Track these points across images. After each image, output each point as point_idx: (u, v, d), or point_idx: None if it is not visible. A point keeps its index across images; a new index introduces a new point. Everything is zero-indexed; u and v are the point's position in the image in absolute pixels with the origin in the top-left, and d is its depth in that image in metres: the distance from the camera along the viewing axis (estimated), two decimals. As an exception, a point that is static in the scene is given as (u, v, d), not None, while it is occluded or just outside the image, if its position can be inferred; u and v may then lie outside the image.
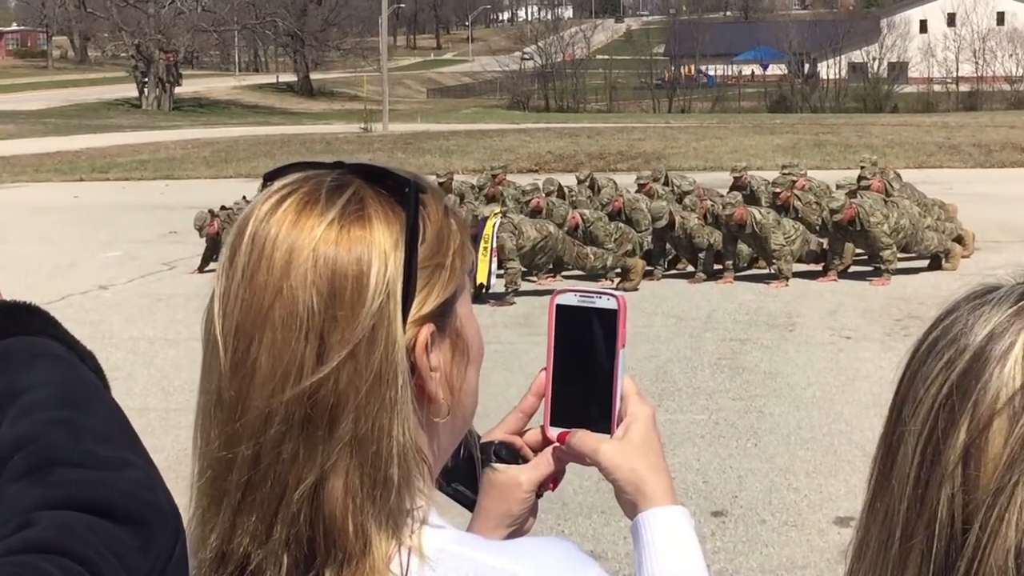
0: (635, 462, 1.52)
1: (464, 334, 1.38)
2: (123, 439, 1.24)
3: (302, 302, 1.26)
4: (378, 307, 1.26)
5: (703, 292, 15.43)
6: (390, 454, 1.27)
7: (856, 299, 14.64)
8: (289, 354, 1.26)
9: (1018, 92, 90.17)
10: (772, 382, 10.95)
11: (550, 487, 1.57)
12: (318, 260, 1.27)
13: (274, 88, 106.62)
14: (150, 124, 66.42)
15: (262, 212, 1.32)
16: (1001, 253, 17.14)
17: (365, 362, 1.26)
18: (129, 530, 1.14)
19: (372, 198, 1.32)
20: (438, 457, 1.40)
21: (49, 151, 44.28)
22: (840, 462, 8.57)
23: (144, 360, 12.18)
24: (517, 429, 1.60)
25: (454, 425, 1.39)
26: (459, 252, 1.36)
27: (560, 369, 1.53)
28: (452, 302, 1.35)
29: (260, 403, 1.26)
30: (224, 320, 1.30)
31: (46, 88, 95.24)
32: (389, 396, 1.27)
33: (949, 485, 1.15)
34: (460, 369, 1.37)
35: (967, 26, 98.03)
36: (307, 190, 1.32)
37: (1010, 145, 37.04)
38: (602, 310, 1.51)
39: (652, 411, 1.55)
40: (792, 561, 7.04)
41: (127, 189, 32.07)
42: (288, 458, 1.26)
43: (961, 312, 1.22)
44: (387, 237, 1.29)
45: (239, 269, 1.30)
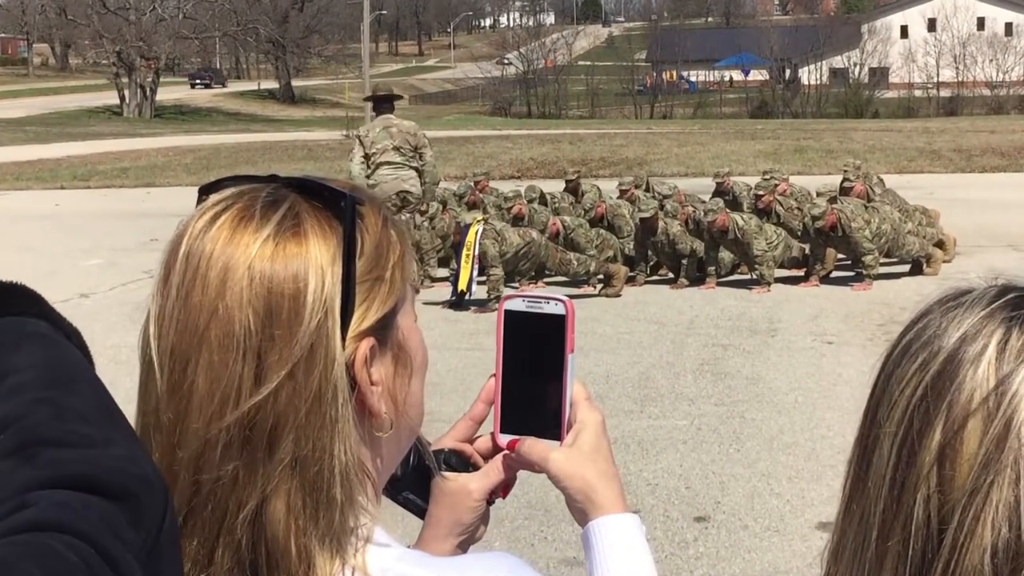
0: (585, 470, 1.49)
1: (406, 346, 1.35)
2: (106, 417, 1.23)
3: (238, 322, 1.24)
4: (316, 325, 1.24)
5: (685, 298, 15.45)
6: (332, 473, 1.25)
7: (838, 304, 14.67)
8: (227, 376, 1.23)
9: (998, 97, 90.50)
10: (754, 387, 10.96)
11: (500, 495, 1.56)
12: (254, 278, 1.24)
13: (256, 95, 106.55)
14: (131, 131, 66.27)
15: (196, 229, 1.30)
16: (982, 257, 17.19)
17: (304, 381, 1.23)
18: (120, 505, 1.14)
19: (308, 212, 1.29)
20: (382, 471, 1.38)
21: (30, 159, 44.16)
22: (822, 467, 8.58)
23: (126, 368, 12.08)
24: (467, 436, 1.59)
25: (398, 438, 1.38)
26: (399, 264, 1.34)
27: (509, 375, 1.52)
28: (393, 315, 1.33)
29: (199, 426, 1.24)
30: (160, 341, 1.28)
31: (27, 95, 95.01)
32: (329, 415, 1.24)
33: (924, 486, 1.16)
34: (403, 381, 1.35)
35: (947, 31, 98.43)
36: (241, 206, 1.30)
37: (990, 150, 37.16)
38: (550, 315, 1.49)
39: (602, 417, 1.53)
40: (775, 567, 7.05)
41: (108, 197, 31.98)
42: (228, 481, 1.24)
43: (934, 315, 1.23)
44: (324, 252, 1.27)
45: (173, 288, 1.28)
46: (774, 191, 17.32)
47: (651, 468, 8.76)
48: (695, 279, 16.16)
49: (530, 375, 1.51)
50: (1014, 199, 24.58)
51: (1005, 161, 34.21)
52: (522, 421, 1.51)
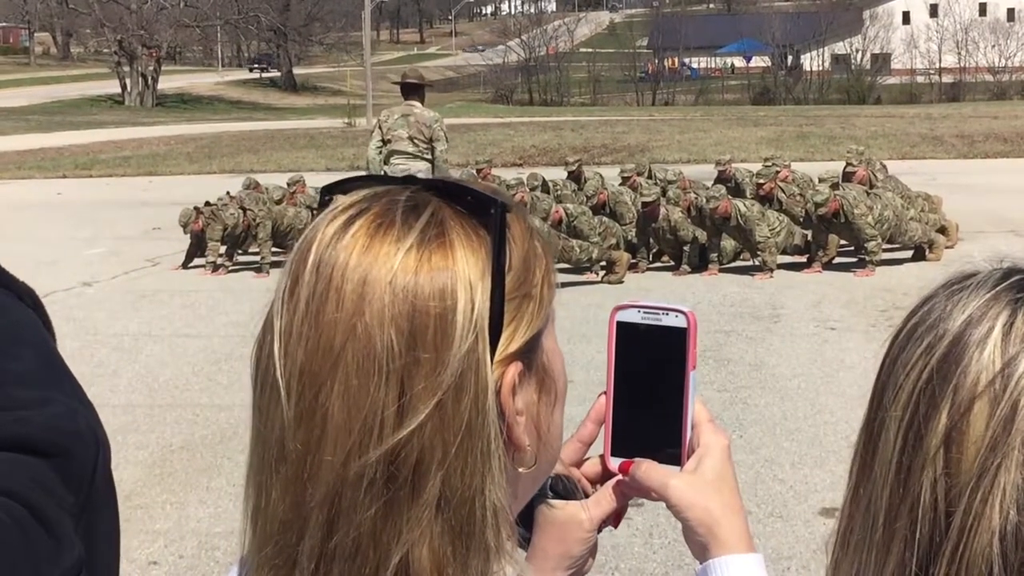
0: (709, 500, 1.34)
1: (551, 370, 1.23)
2: (47, 378, 1.21)
3: (380, 342, 1.10)
4: (467, 348, 1.11)
5: (688, 284, 15.44)
6: (484, 516, 1.12)
7: (840, 290, 14.66)
8: (367, 404, 1.09)
9: (1000, 83, 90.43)
10: (757, 373, 10.96)
11: (612, 524, 1.42)
12: (397, 294, 1.11)
13: (257, 83, 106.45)
14: (133, 120, 66.24)
15: (327, 236, 1.15)
16: (985, 243, 17.15)
17: (453, 411, 1.10)
18: (53, 463, 1.14)
19: (453, 220, 1.15)
20: (514, 511, 1.23)
21: (32, 148, 44.17)
22: (825, 453, 8.59)
23: (129, 357, 12.15)
24: (575, 460, 1.42)
25: (538, 473, 1.24)
26: (546, 278, 1.22)
27: (622, 393, 1.38)
28: (540, 335, 1.20)
29: (335, 459, 1.10)
30: (286, 360, 1.12)
31: (28, 85, 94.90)
32: (481, 450, 1.11)
33: (931, 470, 1.16)
34: (547, 410, 1.22)
35: (949, 17, 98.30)
36: (378, 210, 1.15)
37: (993, 136, 37.16)
38: (670, 328, 1.36)
39: (728, 442, 1.38)
40: (778, 552, 7.05)
41: (110, 185, 31.99)
42: (368, 525, 1.10)
43: (939, 299, 1.23)
44: (473, 265, 1.13)
45: (302, 302, 1.13)
46: (775, 178, 17.32)
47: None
48: (697, 266, 16.16)
49: (646, 393, 1.37)
50: (1016, 184, 24.57)
51: (1007, 147, 34.21)
52: (636, 443, 1.38)
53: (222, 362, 11.67)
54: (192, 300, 15.05)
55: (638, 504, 7.40)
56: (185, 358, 11.91)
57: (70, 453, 1.16)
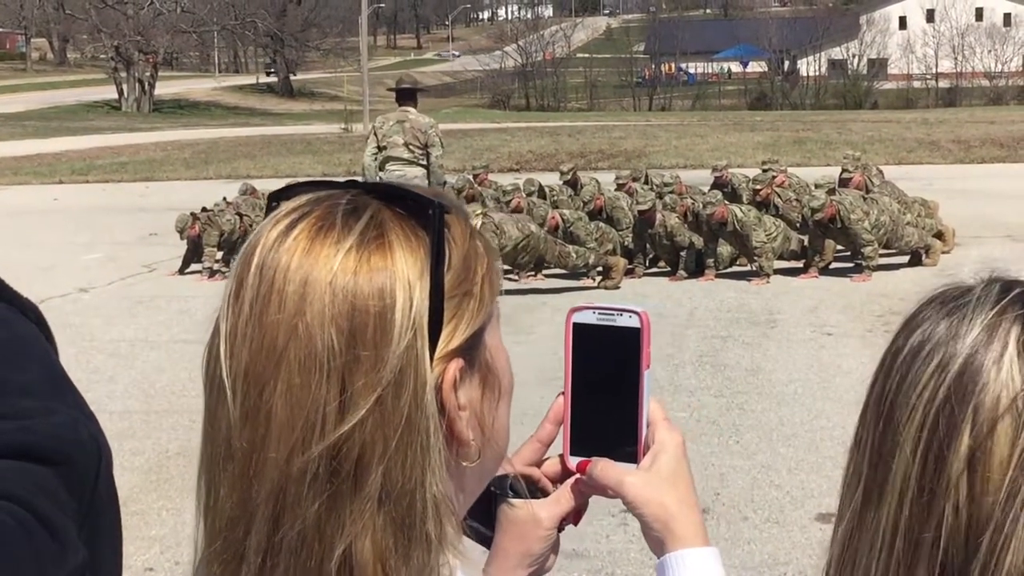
0: (664, 496, 1.38)
1: (495, 367, 1.25)
2: (51, 390, 1.24)
3: (321, 341, 1.12)
4: (405, 346, 1.14)
5: (684, 290, 15.45)
6: (424, 508, 1.15)
7: (837, 296, 14.67)
8: (309, 401, 1.12)
9: (997, 88, 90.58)
10: (754, 379, 10.97)
11: (572, 521, 1.45)
12: (336, 294, 1.14)
13: (254, 89, 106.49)
14: (130, 126, 66.23)
15: (271, 239, 1.18)
16: (981, 248, 17.19)
17: (393, 407, 1.13)
18: (55, 470, 1.17)
19: (392, 222, 1.18)
20: (463, 504, 1.28)
21: (28, 153, 44.13)
22: (822, 458, 8.59)
23: (125, 363, 12.14)
24: (534, 460, 1.46)
25: (483, 468, 1.27)
26: (487, 277, 1.24)
27: (579, 393, 1.41)
28: (481, 333, 1.22)
29: (279, 456, 1.13)
30: (231, 361, 1.15)
31: (25, 90, 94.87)
32: (420, 444, 1.14)
33: (955, 491, 1.15)
34: (491, 406, 1.25)
35: (946, 22, 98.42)
36: (320, 213, 1.18)
37: (989, 141, 37.16)
38: (624, 329, 1.39)
39: (682, 439, 1.42)
40: (774, 558, 7.05)
41: (107, 191, 31.98)
42: (312, 518, 1.13)
43: (938, 316, 1.22)
44: (411, 265, 1.16)
45: (246, 304, 1.16)
46: (772, 183, 17.34)
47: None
48: (693, 271, 16.17)
49: (602, 393, 1.40)
50: (1013, 189, 24.58)
51: (1004, 152, 34.22)
52: (594, 442, 1.41)
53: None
54: (189, 306, 15.03)
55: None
56: (182, 364, 11.90)
57: (72, 461, 1.18)
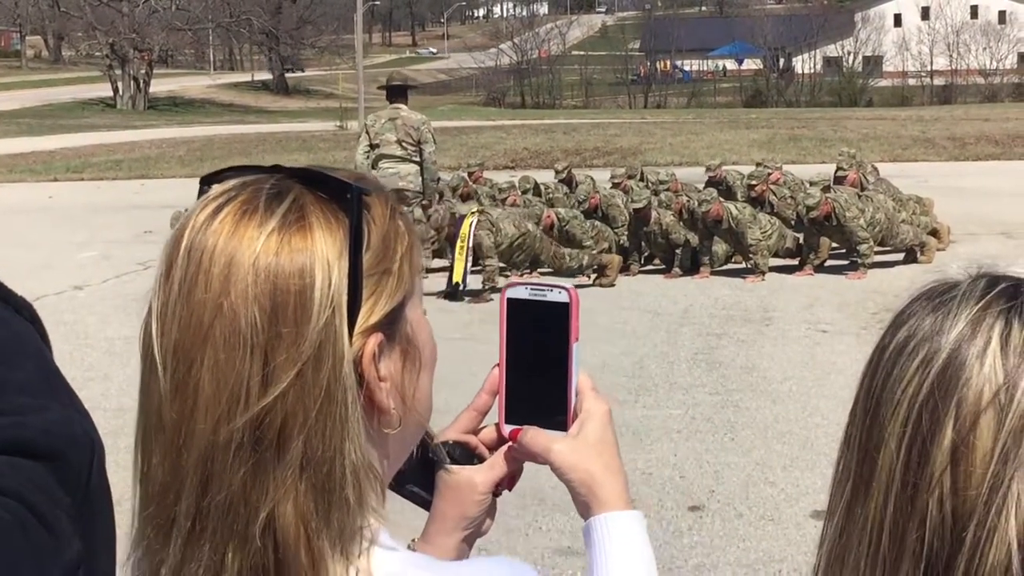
0: (589, 462, 1.46)
1: (415, 340, 1.32)
2: (45, 388, 1.26)
3: (244, 319, 1.20)
4: (324, 322, 1.21)
5: (680, 287, 15.46)
6: (343, 474, 1.22)
7: (832, 293, 14.69)
8: (234, 375, 1.19)
9: (992, 85, 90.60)
10: (748, 376, 10.97)
11: (507, 487, 1.54)
12: (259, 274, 1.20)
13: (249, 86, 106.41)
14: (125, 123, 66.14)
15: (198, 222, 1.25)
16: (977, 246, 17.21)
17: (313, 380, 1.20)
18: (50, 466, 1.19)
19: (313, 204, 1.25)
20: (389, 468, 1.36)
21: (23, 151, 44.07)
22: (817, 456, 8.59)
23: (120, 360, 12.12)
24: (471, 428, 1.55)
25: (405, 435, 1.34)
26: (407, 255, 1.31)
27: (513, 365, 1.49)
28: (401, 308, 1.29)
29: (205, 427, 1.20)
30: (162, 338, 1.23)
31: (20, 88, 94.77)
32: (339, 414, 1.21)
33: (939, 486, 1.15)
34: (412, 377, 1.32)
35: (941, 19, 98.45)
36: (245, 198, 1.26)
37: (984, 138, 37.19)
38: (554, 303, 1.46)
39: (608, 407, 1.49)
40: (769, 555, 7.06)
41: (102, 189, 31.96)
42: (238, 485, 1.20)
43: (923, 312, 1.22)
44: (330, 246, 1.23)
45: (175, 284, 1.23)
46: (767, 180, 17.35)
47: (645, 457, 8.77)
48: (688, 269, 16.19)
49: (534, 364, 1.48)
50: (1008, 187, 24.62)
51: (999, 149, 34.26)
52: (527, 411, 1.48)
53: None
54: (184, 303, 15.01)
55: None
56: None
57: (65, 456, 1.20)
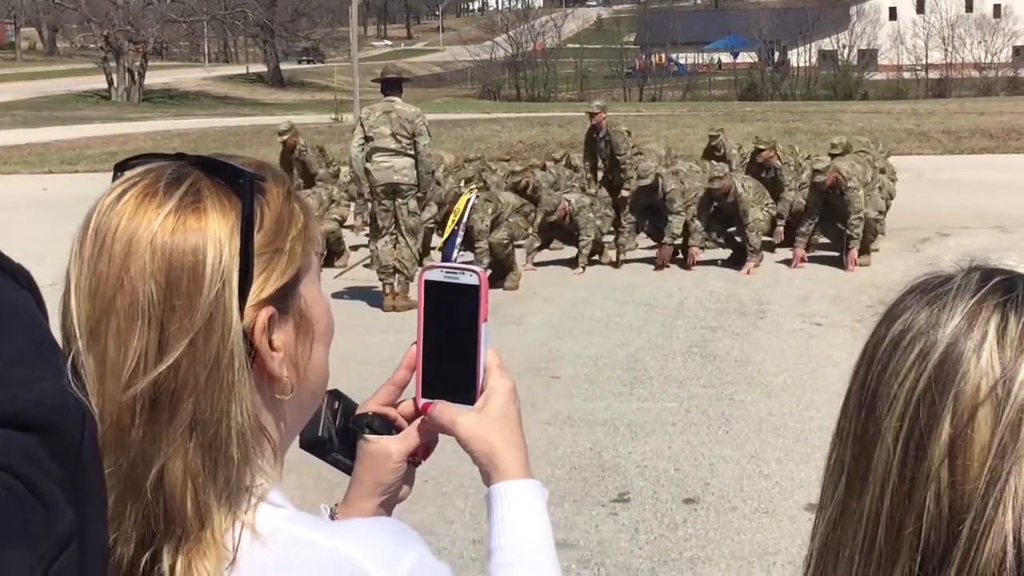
0: (490, 435, 1.56)
1: (309, 314, 1.43)
2: (38, 358, 1.26)
3: (142, 293, 1.31)
4: (215, 295, 1.31)
5: (674, 280, 15.47)
6: (229, 434, 1.32)
7: (826, 286, 14.70)
8: (134, 343, 1.31)
9: (987, 79, 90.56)
10: (743, 369, 10.99)
11: (421, 456, 1.64)
12: (156, 251, 1.32)
13: (244, 79, 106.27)
14: (120, 116, 66.02)
15: (104, 205, 1.38)
16: (971, 239, 17.22)
17: (203, 349, 1.31)
18: (42, 437, 1.19)
19: (209, 189, 1.37)
20: (285, 434, 1.46)
21: (18, 143, 43.98)
22: (811, 449, 8.61)
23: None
24: (390, 400, 1.65)
25: (300, 401, 1.45)
26: (300, 236, 1.41)
27: (429, 342, 1.59)
28: (294, 284, 1.40)
29: (114, 390, 1.31)
30: (77, 309, 1.35)
31: (14, 80, 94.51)
32: (227, 380, 1.32)
33: (936, 478, 1.16)
34: (304, 348, 1.42)
35: (936, 13, 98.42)
36: (147, 182, 1.38)
37: (979, 132, 37.18)
38: (465, 286, 1.56)
39: (512, 384, 1.60)
40: (764, 548, 7.07)
41: (96, 181, 31.58)
42: (136, 443, 1.31)
43: (919, 305, 1.23)
44: (223, 226, 1.34)
45: (85, 261, 1.37)
46: (775, 147, 17.47)
47: (640, 450, 8.78)
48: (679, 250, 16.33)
49: (447, 342, 1.58)
50: (1002, 180, 24.61)
51: (993, 143, 34.26)
52: (441, 386, 1.58)
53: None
54: (179, 296, 15.02)
55: (624, 501, 7.39)
56: (172, 354, 11.92)
57: (57, 426, 1.21)
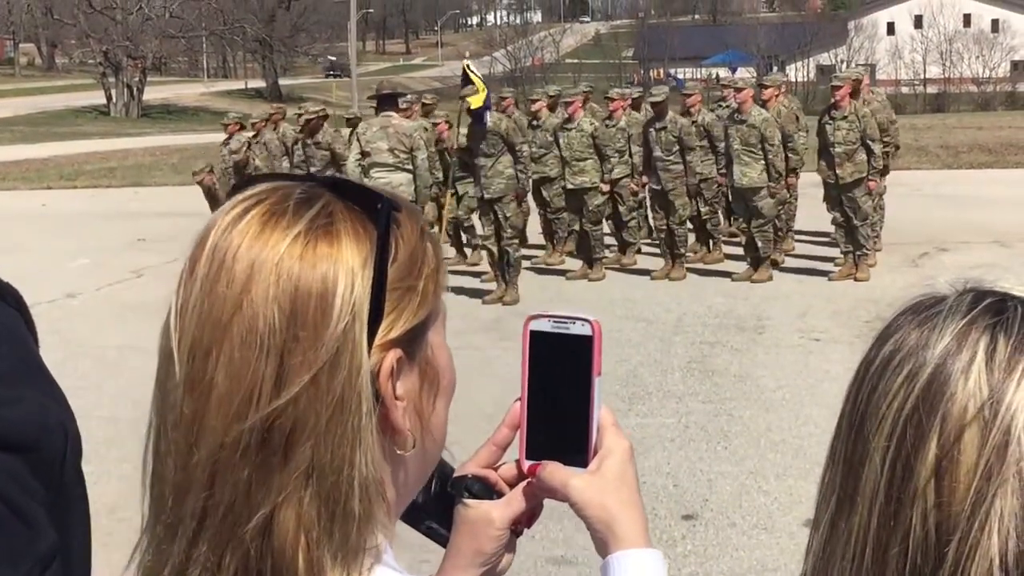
0: (607, 498, 1.42)
1: (435, 363, 1.31)
2: (22, 376, 1.26)
3: (263, 318, 1.19)
4: (342, 329, 1.19)
5: (672, 295, 15.46)
6: (351, 485, 1.19)
7: (825, 301, 14.69)
8: (248, 375, 1.18)
9: (985, 94, 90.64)
10: (742, 385, 10.98)
11: (525, 524, 1.50)
12: (281, 275, 1.19)
13: (243, 94, 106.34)
14: (118, 131, 66.09)
15: (224, 223, 1.24)
16: (970, 254, 17.21)
17: (327, 387, 1.18)
18: (24, 457, 1.20)
19: (342, 213, 1.24)
20: (403, 491, 1.33)
21: (16, 159, 43.99)
22: (810, 464, 8.59)
23: (113, 369, 12.11)
24: (491, 463, 1.50)
25: (422, 458, 1.32)
26: (433, 276, 1.29)
27: (535, 399, 1.45)
28: (423, 328, 1.28)
29: (216, 424, 1.19)
30: (181, 335, 1.23)
31: (13, 95, 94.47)
32: (352, 424, 1.19)
33: (922, 500, 1.15)
34: (429, 400, 1.30)
35: (934, 28, 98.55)
36: (273, 201, 1.24)
37: (977, 146, 37.17)
38: (577, 336, 1.43)
39: (629, 444, 1.47)
40: (763, 564, 7.06)
41: (95, 197, 31.90)
42: (242, 486, 1.19)
43: (910, 326, 1.22)
44: (355, 255, 1.21)
45: (198, 281, 1.23)
46: (781, 88, 17.38)
47: (639, 466, 8.67)
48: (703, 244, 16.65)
49: (556, 398, 1.45)
50: (1001, 195, 24.59)
51: (992, 157, 34.23)
52: (547, 447, 1.45)
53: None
54: (177, 311, 14.99)
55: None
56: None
57: (39, 447, 1.21)
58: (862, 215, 15.63)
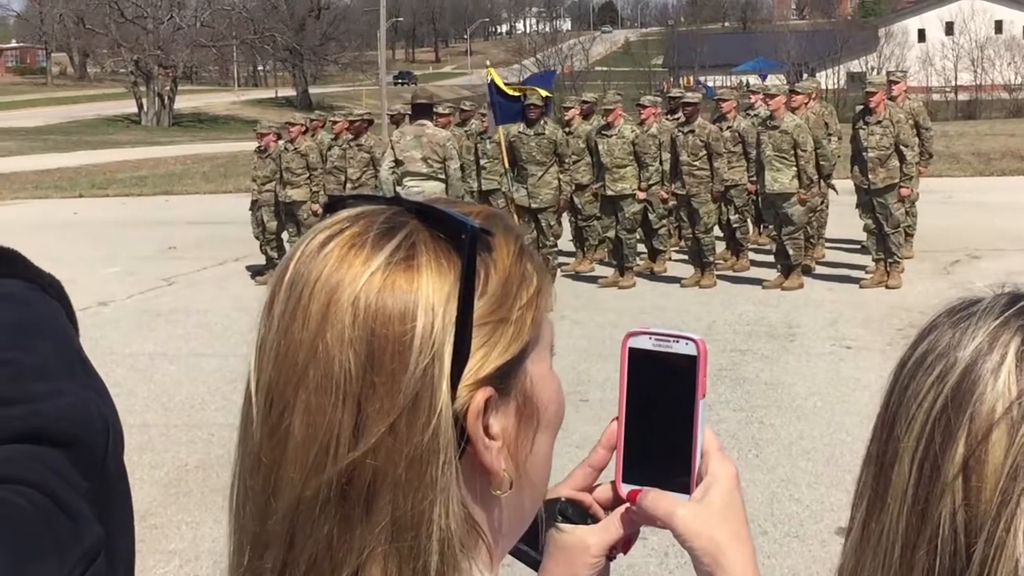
0: (715, 529, 1.31)
1: (535, 397, 1.22)
2: (63, 370, 1.26)
3: (338, 363, 1.12)
4: (421, 372, 1.12)
5: (703, 303, 15.43)
6: (429, 541, 1.12)
7: (856, 308, 14.64)
8: (325, 424, 1.12)
9: (1017, 100, 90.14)
10: (773, 393, 10.94)
11: (621, 550, 1.40)
12: (358, 315, 1.12)
13: (273, 102, 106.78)
14: (149, 140, 66.50)
15: (307, 251, 1.18)
16: (1002, 261, 17.13)
17: (405, 435, 1.11)
18: (67, 452, 1.19)
19: (426, 243, 1.16)
20: (503, 533, 1.26)
21: (49, 168, 44.30)
22: (842, 472, 8.56)
23: (144, 376, 12.16)
24: (586, 485, 1.42)
25: (521, 500, 1.24)
26: (531, 302, 1.21)
27: (633, 420, 1.37)
28: (519, 361, 1.19)
29: (295, 476, 1.13)
30: (259, 375, 1.17)
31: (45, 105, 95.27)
32: (430, 475, 1.12)
33: (950, 499, 1.15)
34: (526, 437, 1.22)
35: (965, 35, 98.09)
36: (356, 230, 1.17)
37: (1009, 153, 37.02)
38: (680, 356, 1.34)
39: (735, 470, 1.36)
40: (794, 572, 7.03)
41: (127, 205, 32.06)
42: (324, 542, 1.13)
43: (945, 326, 1.22)
44: (437, 289, 1.14)
45: (275, 318, 1.16)
46: (812, 96, 17.42)
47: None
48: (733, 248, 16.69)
49: (656, 420, 1.36)
50: (1033, 202, 24.50)
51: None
52: (646, 470, 1.36)
53: (237, 381, 11.63)
54: (207, 319, 15.07)
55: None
56: (200, 378, 11.93)
57: (81, 440, 1.21)
58: (893, 222, 15.58)
